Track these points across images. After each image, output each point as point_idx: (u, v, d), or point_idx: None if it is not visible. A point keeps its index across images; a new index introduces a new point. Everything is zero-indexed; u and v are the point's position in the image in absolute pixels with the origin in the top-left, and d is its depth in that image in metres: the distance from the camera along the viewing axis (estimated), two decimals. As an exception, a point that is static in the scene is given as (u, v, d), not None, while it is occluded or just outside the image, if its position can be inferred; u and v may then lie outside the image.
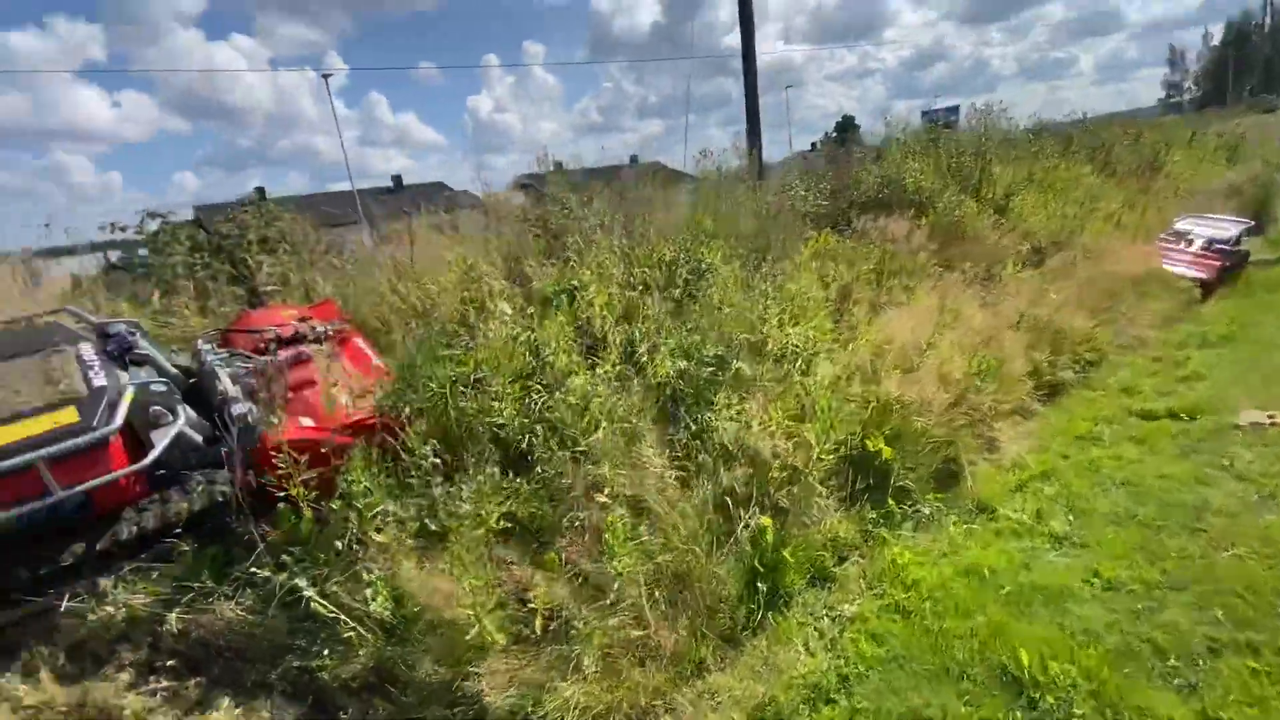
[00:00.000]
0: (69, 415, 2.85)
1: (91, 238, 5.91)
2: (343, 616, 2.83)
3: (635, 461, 3.40)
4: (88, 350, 3.33)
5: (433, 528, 3.05)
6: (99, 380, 3.08)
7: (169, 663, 2.89)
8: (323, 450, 3.24)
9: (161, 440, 3.04)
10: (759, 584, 3.09)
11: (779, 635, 2.96)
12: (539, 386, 3.82)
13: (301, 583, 2.87)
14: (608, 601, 2.78)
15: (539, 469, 3.33)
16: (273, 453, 3.09)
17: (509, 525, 3.18)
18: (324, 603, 2.85)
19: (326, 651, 2.86)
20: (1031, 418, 4.73)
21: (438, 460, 3.28)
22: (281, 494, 3.03)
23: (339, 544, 3.01)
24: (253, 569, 2.98)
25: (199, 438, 3.32)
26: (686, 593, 3.03)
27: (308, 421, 3.61)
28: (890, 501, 3.67)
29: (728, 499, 3.39)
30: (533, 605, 2.76)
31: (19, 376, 3.11)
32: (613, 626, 2.78)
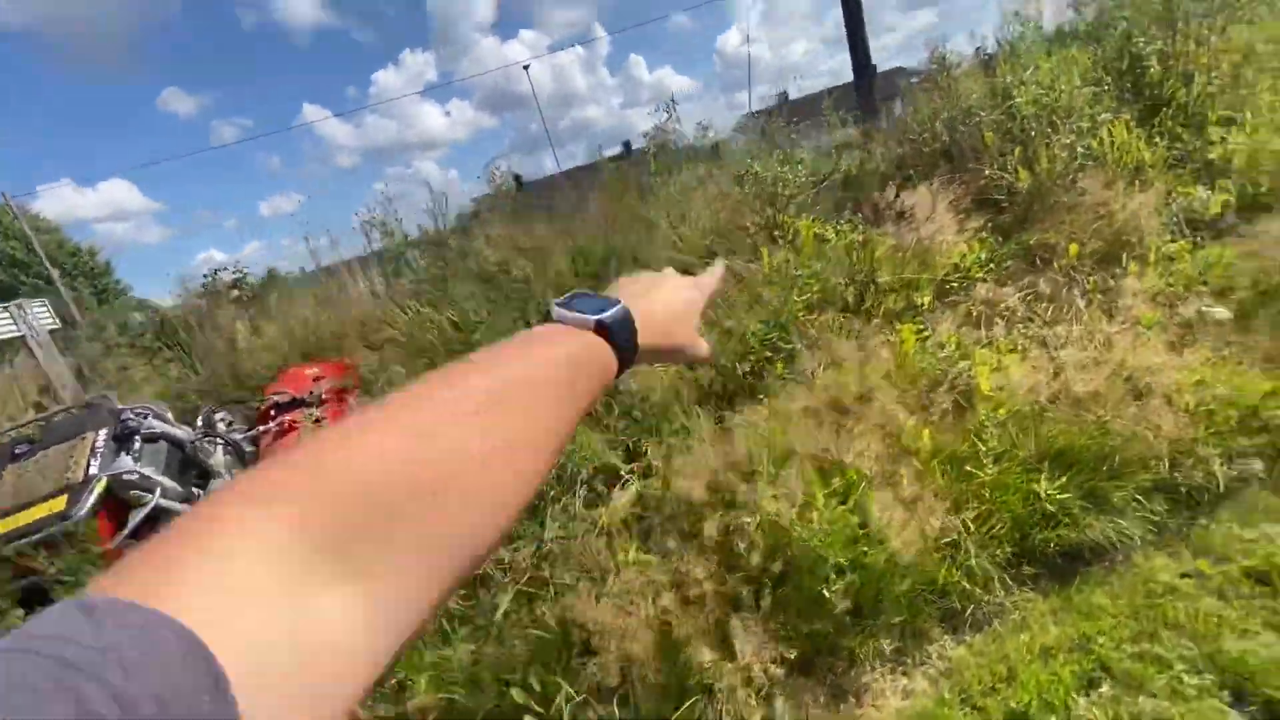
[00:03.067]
0: (60, 503, 3.22)
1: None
2: None
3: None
4: (103, 436, 3.70)
5: None
6: (94, 468, 3.42)
7: None
8: None
9: (133, 521, 3.33)
10: None
11: None
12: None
13: None
14: None
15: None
16: None
17: None
18: None
19: None
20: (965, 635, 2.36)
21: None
22: None
23: None
24: None
25: (182, 508, 3.50)
26: None
27: None
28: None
29: None
30: None
31: (50, 462, 3.59)
32: None
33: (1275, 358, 2.88)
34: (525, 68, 30.48)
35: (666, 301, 0.62)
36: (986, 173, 4.68)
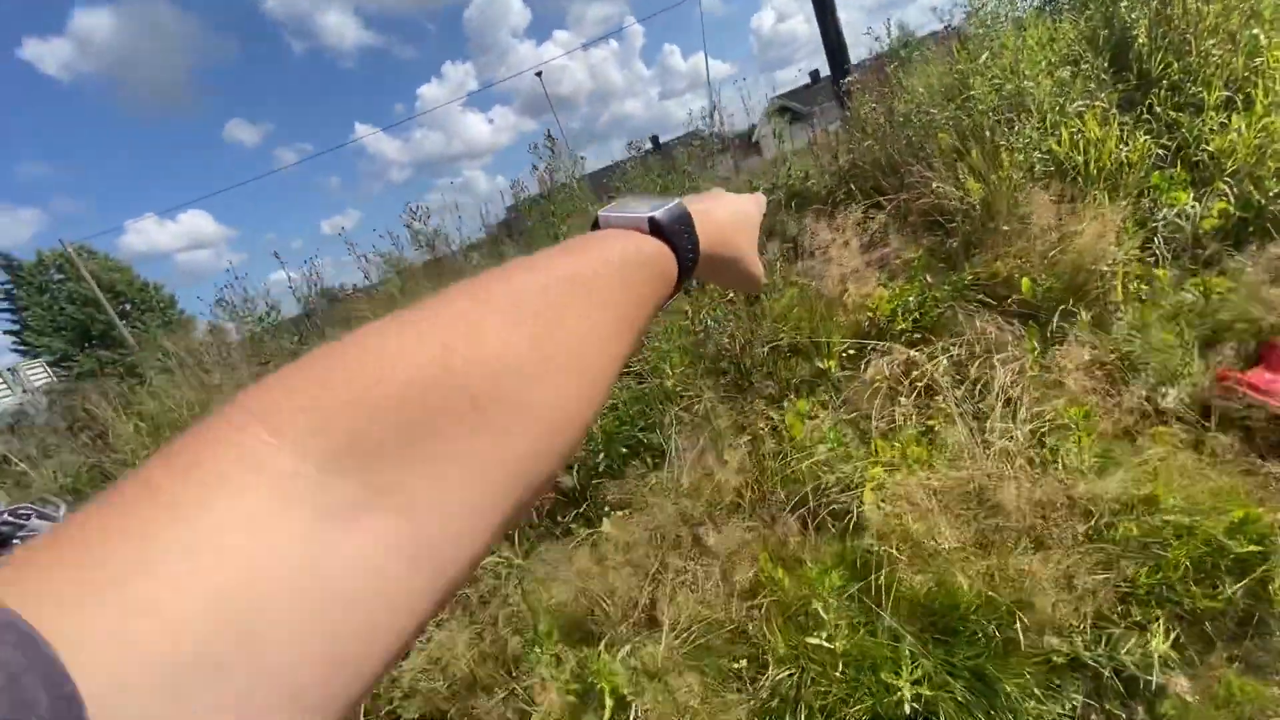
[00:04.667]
0: None
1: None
2: None
3: None
4: None
5: None
6: None
7: None
8: None
9: None
10: None
11: None
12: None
13: None
14: None
15: None
16: None
17: None
18: None
19: None
20: None
21: None
22: None
23: None
24: None
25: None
26: None
27: None
28: None
29: None
30: None
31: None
32: None
33: (1261, 454, 2.08)
34: (538, 74, 29.79)
35: (727, 206, 0.53)
36: (935, 187, 3.90)
